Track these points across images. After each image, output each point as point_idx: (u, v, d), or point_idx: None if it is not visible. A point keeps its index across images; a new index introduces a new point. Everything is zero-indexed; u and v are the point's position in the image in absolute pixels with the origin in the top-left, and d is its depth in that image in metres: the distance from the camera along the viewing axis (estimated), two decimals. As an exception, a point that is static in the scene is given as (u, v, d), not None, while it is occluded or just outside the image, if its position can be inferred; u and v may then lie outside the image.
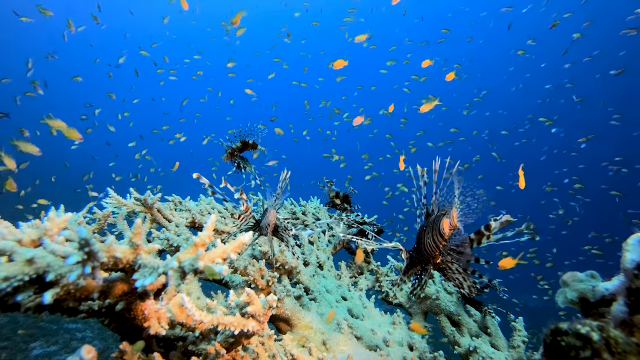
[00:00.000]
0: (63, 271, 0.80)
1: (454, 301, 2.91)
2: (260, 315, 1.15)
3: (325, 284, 2.84)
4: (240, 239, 0.96)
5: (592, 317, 1.22)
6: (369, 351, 2.25)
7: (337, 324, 2.35)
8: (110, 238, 0.88)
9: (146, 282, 0.85)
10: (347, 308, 2.69)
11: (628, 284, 1.04)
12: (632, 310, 1.00)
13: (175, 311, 1.15)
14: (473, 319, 2.90)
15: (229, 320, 1.10)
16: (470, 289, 1.73)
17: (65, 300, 0.88)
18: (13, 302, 0.79)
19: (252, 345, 1.39)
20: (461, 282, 1.74)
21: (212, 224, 0.95)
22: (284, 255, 2.54)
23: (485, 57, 28.62)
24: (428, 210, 1.79)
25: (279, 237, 2.13)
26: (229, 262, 1.95)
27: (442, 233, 1.65)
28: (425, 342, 2.51)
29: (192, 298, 2.07)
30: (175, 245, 2.29)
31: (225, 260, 0.93)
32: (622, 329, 0.97)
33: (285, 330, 2.18)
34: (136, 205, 2.63)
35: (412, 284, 1.89)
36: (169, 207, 2.95)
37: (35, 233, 0.94)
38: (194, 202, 3.14)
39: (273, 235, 2.10)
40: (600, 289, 1.22)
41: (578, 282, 1.32)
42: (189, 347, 1.24)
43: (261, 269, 2.03)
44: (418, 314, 2.96)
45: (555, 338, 0.97)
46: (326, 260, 3.14)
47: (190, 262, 0.86)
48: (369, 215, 3.69)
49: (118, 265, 0.91)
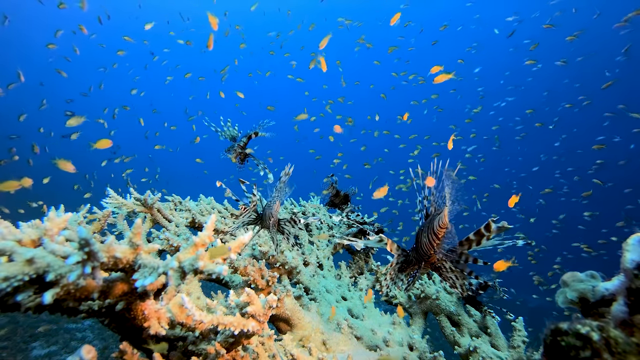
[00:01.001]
0: (63, 271, 0.80)
1: (454, 301, 2.91)
2: (260, 315, 1.15)
3: (325, 284, 2.84)
4: (240, 239, 0.96)
5: (592, 317, 1.22)
6: (369, 351, 2.25)
7: (337, 324, 2.35)
8: (110, 238, 0.88)
9: (146, 282, 0.85)
10: (347, 308, 2.69)
11: (628, 284, 1.04)
12: (632, 310, 1.00)
13: (175, 311, 1.15)
14: (473, 319, 2.90)
15: (229, 320, 1.10)
16: (462, 288, 1.77)
17: (65, 300, 0.88)
18: (13, 302, 0.79)
19: (252, 345, 1.39)
20: (454, 281, 1.79)
21: (212, 224, 0.95)
22: (284, 255, 2.54)
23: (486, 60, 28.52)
24: (427, 211, 1.83)
25: (280, 230, 2.17)
26: (228, 262, 1.96)
27: (436, 232, 1.68)
28: (425, 342, 2.51)
29: (192, 298, 2.07)
30: (175, 246, 2.29)
31: (226, 260, 0.93)
32: (622, 329, 0.97)
33: (285, 330, 2.18)
34: (136, 205, 2.63)
35: (409, 282, 1.93)
36: (169, 207, 2.95)
37: (35, 233, 0.94)
38: (194, 202, 3.14)
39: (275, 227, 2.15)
40: (600, 289, 1.22)
41: (578, 282, 1.32)
42: (189, 347, 1.24)
43: (261, 269, 2.03)
44: (418, 314, 2.96)
45: (555, 338, 0.97)
46: (326, 260, 3.14)
47: (190, 262, 0.86)
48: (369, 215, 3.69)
49: (118, 265, 0.91)
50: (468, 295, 2.88)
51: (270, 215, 2.06)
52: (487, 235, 1.54)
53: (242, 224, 2.15)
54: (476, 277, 1.73)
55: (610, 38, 20.44)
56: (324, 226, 3.53)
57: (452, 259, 1.77)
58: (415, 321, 2.92)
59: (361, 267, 3.37)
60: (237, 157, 3.42)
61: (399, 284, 1.90)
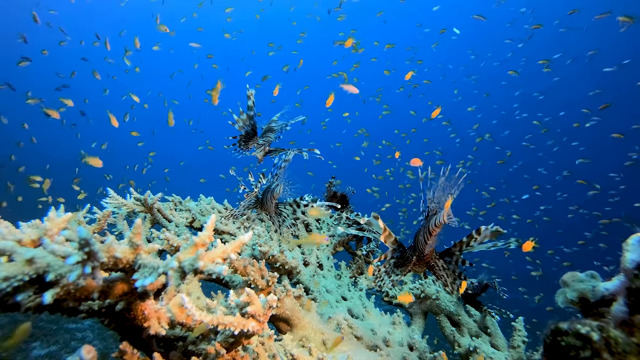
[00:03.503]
0: (63, 271, 0.80)
1: (454, 301, 2.91)
2: (260, 315, 1.15)
3: (325, 284, 2.85)
4: (240, 239, 0.96)
5: (592, 317, 1.22)
6: (369, 351, 2.25)
7: (337, 324, 2.35)
8: (110, 238, 0.88)
9: (146, 282, 0.85)
10: (347, 308, 2.69)
11: (628, 284, 1.04)
12: (632, 310, 1.00)
13: (175, 311, 1.15)
14: (473, 319, 2.90)
15: (229, 320, 1.10)
16: (452, 287, 1.91)
17: (65, 300, 0.88)
18: (13, 302, 0.79)
19: (252, 345, 1.39)
20: (446, 279, 1.93)
21: (212, 224, 0.95)
22: (284, 255, 2.54)
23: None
24: (429, 212, 1.93)
25: (278, 213, 2.32)
26: (228, 262, 1.96)
27: (431, 230, 1.80)
28: (425, 342, 2.51)
29: (192, 298, 2.07)
30: (175, 246, 2.29)
31: (225, 260, 0.93)
32: (622, 329, 0.97)
33: (285, 330, 2.18)
34: (136, 205, 2.63)
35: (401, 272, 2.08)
36: (169, 207, 2.95)
37: (35, 233, 0.94)
38: (194, 202, 3.14)
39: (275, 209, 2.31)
40: (600, 289, 1.22)
41: (578, 282, 1.32)
42: (189, 347, 1.24)
43: (261, 269, 2.03)
44: (418, 314, 2.96)
45: (555, 338, 0.97)
46: (326, 260, 3.14)
47: (190, 262, 0.86)
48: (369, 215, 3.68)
49: (118, 265, 0.91)
50: (467, 294, 2.90)
51: (272, 198, 2.20)
52: (475, 237, 1.70)
53: (244, 208, 2.31)
54: (465, 277, 1.89)
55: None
56: (324, 226, 3.53)
57: (444, 259, 1.93)
58: (415, 321, 2.92)
59: (361, 267, 3.37)
60: (264, 155, 2.81)
61: (393, 278, 2.03)
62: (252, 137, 2.74)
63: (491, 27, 21.96)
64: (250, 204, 2.43)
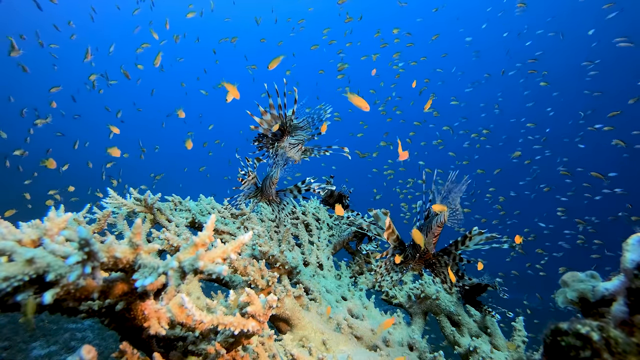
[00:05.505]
0: (63, 271, 0.80)
1: (454, 301, 2.91)
2: (260, 315, 1.15)
3: (325, 284, 2.85)
4: (241, 239, 0.96)
5: (592, 317, 1.22)
6: (369, 351, 2.25)
7: (337, 324, 2.35)
8: (110, 238, 0.88)
9: (146, 282, 0.85)
10: (347, 308, 2.69)
11: (628, 284, 1.04)
12: (632, 310, 1.00)
13: (175, 311, 1.15)
14: (473, 319, 2.89)
15: (229, 320, 1.10)
16: (451, 284, 2.01)
17: (65, 300, 0.88)
18: (13, 302, 0.79)
19: (252, 345, 1.39)
20: (445, 276, 2.03)
21: (212, 224, 0.95)
22: (284, 255, 2.54)
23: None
24: (429, 213, 2.01)
25: (277, 201, 2.36)
26: (228, 262, 1.96)
27: (433, 230, 1.89)
28: (425, 342, 2.51)
29: (192, 298, 2.07)
30: (175, 246, 2.29)
31: (225, 260, 0.93)
32: (622, 329, 0.97)
33: (285, 330, 2.18)
34: (136, 205, 2.63)
35: (401, 271, 2.17)
36: (169, 207, 2.95)
37: (35, 233, 0.94)
38: (194, 202, 3.14)
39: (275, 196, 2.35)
40: (600, 289, 1.22)
41: (578, 282, 1.32)
42: (189, 347, 1.24)
43: (261, 269, 2.03)
44: (418, 314, 2.96)
45: (555, 338, 0.97)
46: (326, 260, 3.14)
47: (190, 262, 0.86)
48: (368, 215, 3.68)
49: (118, 265, 0.91)
50: (465, 292, 2.90)
51: (271, 184, 2.23)
52: (469, 237, 1.86)
53: (243, 197, 2.35)
54: (462, 275, 2.00)
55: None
56: (324, 225, 3.53)
57: (443, 257, 2.03)
58: (415, 321, 2.92)
59: (361, 267, 3.37)
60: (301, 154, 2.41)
61: (392, 276, 2.11)
62: (281, 138, 2.38)
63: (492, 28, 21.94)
64: (250, 192, 2.43)
